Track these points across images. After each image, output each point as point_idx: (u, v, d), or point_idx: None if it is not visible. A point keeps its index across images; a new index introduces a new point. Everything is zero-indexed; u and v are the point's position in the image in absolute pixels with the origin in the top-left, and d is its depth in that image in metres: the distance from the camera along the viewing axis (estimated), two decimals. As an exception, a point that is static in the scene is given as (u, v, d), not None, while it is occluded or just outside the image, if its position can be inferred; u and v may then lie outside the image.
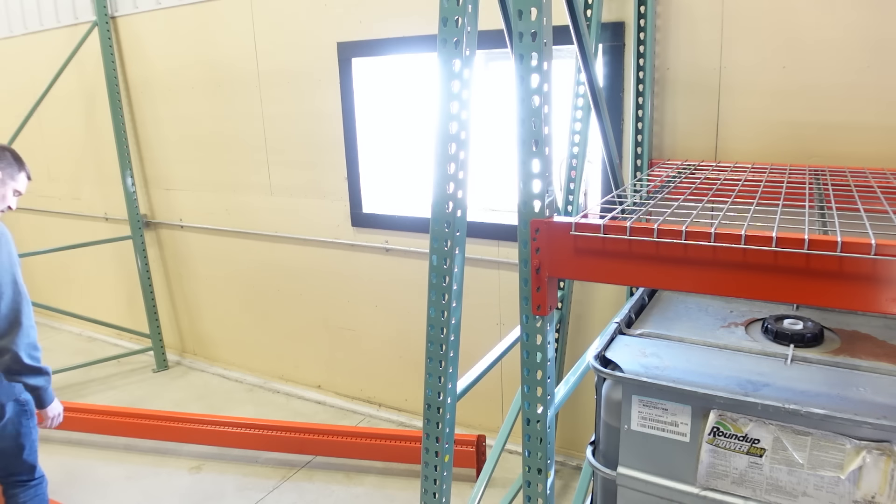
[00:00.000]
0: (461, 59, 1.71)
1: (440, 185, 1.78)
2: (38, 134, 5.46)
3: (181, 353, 5.30)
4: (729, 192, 2.01)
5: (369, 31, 3.66)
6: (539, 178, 1.61)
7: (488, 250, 3.55)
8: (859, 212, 1.67)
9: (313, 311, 4.40)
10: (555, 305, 1.89)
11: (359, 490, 3.45)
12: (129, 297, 5.40)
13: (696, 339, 1.99)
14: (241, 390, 4.69)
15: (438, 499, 1.98)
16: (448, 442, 1.95)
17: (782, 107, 2.71)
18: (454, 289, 1.82)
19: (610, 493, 1.87)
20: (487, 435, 3.60)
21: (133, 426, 3.90)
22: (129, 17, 4.62)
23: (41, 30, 5.15)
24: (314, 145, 4.06)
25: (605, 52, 3.04)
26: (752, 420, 1.60)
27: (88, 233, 5.27)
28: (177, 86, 4.55)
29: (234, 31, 4.15)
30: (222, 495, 3.44)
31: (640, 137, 2.94)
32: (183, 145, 4.66)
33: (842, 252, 1.29)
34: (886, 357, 1.83)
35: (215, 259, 4.78)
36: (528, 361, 1.73)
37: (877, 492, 1.50)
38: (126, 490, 3.52)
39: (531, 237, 1.62)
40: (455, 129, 1.75)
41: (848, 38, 2.54)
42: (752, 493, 1.64)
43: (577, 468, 3.51)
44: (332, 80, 3.85)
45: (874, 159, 2.55)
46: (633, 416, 1.75)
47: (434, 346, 1.87)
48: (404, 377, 4.11)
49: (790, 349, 1.87)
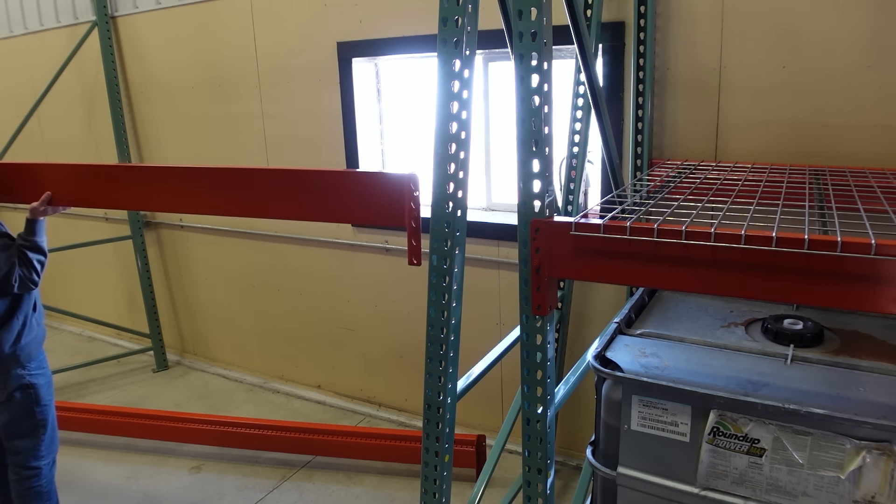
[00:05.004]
0: (461, 59, 1.71)
1: (440, 185, 1.78)
2: (38, 134, 5.47)
3: (181, 353, 5.30)
4: (729, 192, 2.01)
5: (369, 31, 3.66)
6: (539, 178, 1.61)
7: (488, 250, 3.55)
8: (859, 212, 1.66)
9: (313, 311, 4.40)
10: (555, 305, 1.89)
11: (359, 490, 3.45)
12: (129, 297, 5.40)
13: (696, 338, 1.99)
14: (241, 390, 4.69)
15: (438, 499, 1.98)
16: (448, 442, 1.95)
17: (782, 107, 2.71)
18: (454, 289, 1.82)
19: (610, 493, 1.87)
20: (487, 435, 3.60)
21: (133, 426, 3.90)
22: (129, 17, 4.62)
23: (41, 30, 5.15)
24: (314, 145, 4.06)
25: (605, 52, 3.04)
26: (752, 420, 1.60)
27: (88, 233, 5.26)
28: (177, 86, 4.55)
29: (234, 31, 4.15)
30: (222, 495, 3.44)
31: (640, 137, 2.94)
32: (183, 145, 4.66)
33: (842, 252, 1.29)
34: (886, 357, 1.83)
35: (215, 259, 4.78)
36: (528, 361, 1.73)
37: (877, 492, 1.50)
38: (126, 490, 3.52)
39: (531, 237, 1.62)
40: (455, 128, 1.75)
41: (848, 38, 2.54)
42: (752, 493, 1.64)
43: (577, 468, 3.50)
44: (332, 80, 3.85)
45: (874, 159, 2.55)
46: (633, 416, 1.75)
47: (434, 346, 1.87)
48: (404, 377, 4.10)
49: (790, 349, 1.87)
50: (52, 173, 2.53)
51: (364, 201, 1.98)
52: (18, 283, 2.52)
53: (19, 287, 2.53)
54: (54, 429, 2.80)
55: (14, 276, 2.50)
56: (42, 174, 2.54)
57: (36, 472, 2.74)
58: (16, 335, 2.60)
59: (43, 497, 2.77)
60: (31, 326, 2.66)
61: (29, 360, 2.65)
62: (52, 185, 2.51)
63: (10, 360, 2.59)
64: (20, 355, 2.61)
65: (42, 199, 2.49)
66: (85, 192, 2.51)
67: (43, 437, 2.73)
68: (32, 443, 2.71)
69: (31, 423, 2.69)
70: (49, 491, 2.80)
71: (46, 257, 2.62)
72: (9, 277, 2.50)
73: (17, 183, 2.61)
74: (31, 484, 2.73)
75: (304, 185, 2.06)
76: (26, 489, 2.73)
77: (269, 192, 2.10)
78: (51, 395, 2.76)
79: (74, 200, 2.57)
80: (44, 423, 2.72)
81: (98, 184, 2.46)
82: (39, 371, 2.70)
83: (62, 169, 2.53)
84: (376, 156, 4.06)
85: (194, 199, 2.26)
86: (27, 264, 2.53)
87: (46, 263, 2.61)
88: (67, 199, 2.54)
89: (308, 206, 2.07)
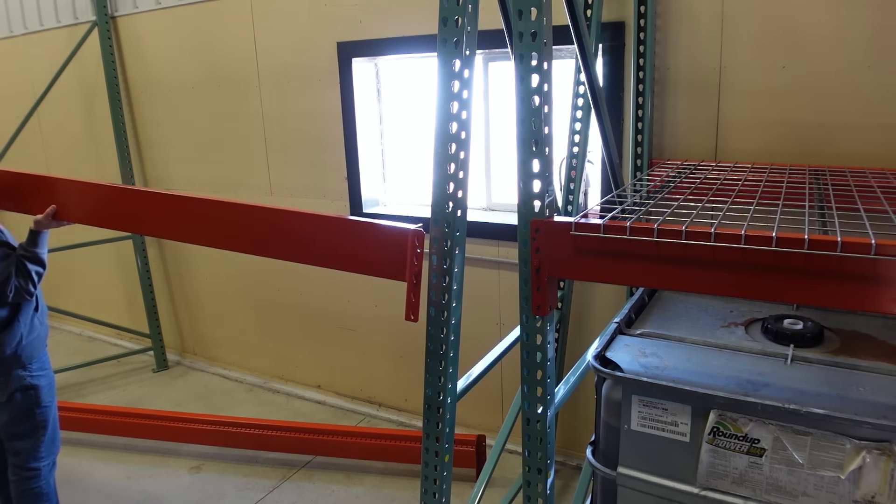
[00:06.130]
0: (461, 59, 1.71)
1: (440, 185, 1.78)
2: (38, 134, 5.46)
3: (181, 353, 5.30)
4: (729, 191, 2.01)
5: (369, 31, 3.66)
6: (539, 178, 1.61)
7: (488, 250, 3.55)
8: (859, 212, 1.66)
9: (313, 312, 4.40)
10: (555, 305, 1.89)
11: (359, 490, 3.45)
12: (129, 297, 5.40)
13: (696, 339, 1.99)
14: (241, 390, 4.69)
15: (438, 499, 1.98)
16: (448, 442, 1.95)
17: (782, 107, 2.71)
18: (454, 289, 1.82)
19: (610, 493, 1.87)
20: (487, 435, 3.60)
21: (133, 426, 3.90)
22: (129, 17, 4.62)
23: (41, 30, 5.15)
24: (314, 145, 4.06)
25: (605, 52, 3.04)
26: (752, 420, 1.60)
27: (88, 233, 5.24)
28: (177, 86, 4.55)
29: (234, 31, 4.15)
30: (222, 495, 3.44)
31: (640, 137, 2.94)
32: (183, 145, 4.66)
33: (842, 252, 1.29)
34: (886, 357, 1.83)
35: (215, 259, 4.78)
36: (528, 361, 1.73)
37: (877, 492, 1.50)
38: (126, 490, 3.52)
39: (531, 237, 1.62)
40: (455, 128, 1.75)
41: (848, 38, 2.54)
42: (752, 493, 1.64)
43: (577, 468, 3.50)
44: (332, 80, 3.85)
45: (874, 159, 2.55)
46: (633, 416, 1.75)
47: (434, 346, 1.87)
48: (404, 377, 4.10)
49: (790, 349, 1.86)
50: (62, 188, 2.54)
51: (366, 251, 1.95)
52: (14, 293, 2.52)
53: (14, 297, 2.53)
54: (55, 430, 2.79)
55: (10, 286, 2.50)
56: (52, 187, 2.55)
57: (35, 474, 2.74)
58: (18, 338, 2.60)
59: (42, 498, 2.77)
60: (33, 326, 2.66)
61: (31, 360, 2.65)
62: (59, 199, 2.52)
63: (11, 360, 2.59)
64: (22, 355, 2.61)
65: (47, 213, 2.52)
66: (92, 210, 2.53)
67: (43, 439, 2.73)
68: (32, 444, 2.71)
69: (30, 424, 2.69)
70: (49, 492, 2.80)
71: (45, 269, 2.62)
72: (4, 287, 2.50)
73: (25, 193, 2.62)
74: (30, 485, 2.73)
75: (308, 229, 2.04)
76: (26, 490, 2.73)
77: (274, 233, 2.09)
78: (52, 396, 2.76)
79: (80, 218, 2.57)
80: (44, 425, 2.72)
81: (108, 206, 2.48)
82: (41, 372, 2.70)
83: (72, 185, 2.53)
84: (376, 156, 4.06)
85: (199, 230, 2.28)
86: (25, 275, 2.54)
87: (44, 275, 2.62)
88: (74, 215, 2.55)
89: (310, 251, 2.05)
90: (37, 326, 2.68)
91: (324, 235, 2.01)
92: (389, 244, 1.87)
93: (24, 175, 2.65)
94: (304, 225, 2.04)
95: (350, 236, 1.97)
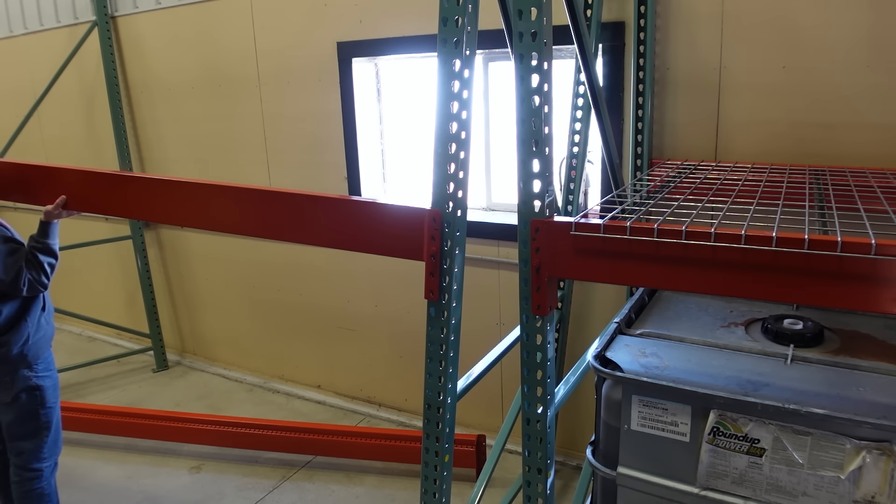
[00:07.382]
0: (461, 59, 1.71)
1: (440, 185, 1.78)
2: (38, 134, 5.46)
3: (181, 353, 5.30)
4: (729, 192, 2.01)
5: (369, 31, 3.66)
6: (539, 177, 1.61)
7: (488, 250, 3.55)
8: (859, 212, 1.66)
9: (313, 311, 4.40)
10: (555, 305, 1.89)
11: (359, 490, 3.45)
12: (129, 297, 5.40)
13: (696, 338, 1.99)
14: (241, 390, 4.69)
15: (438, 499, 1.98)
16: (448, 442, 1.95)
17: (782, 107, 2.71)
18: (454, 289, 1.82)
19: (610, 493, 1.87)
20: (487, 435, 3.60)
21: (133, 426, 3.90)
22: (129, 17, 4.61)
23: (41, 30, 5.15)
24: (314, 145, 4.06)
25: (605, 52, 3.04)
26: (752, 420, 1.60)
27: (88, 232, 5.26)
28: (176, 86, 4.54)
29: (234, 32, 4.15)
30: (222, 495, 3.44)
31: (640, 137, 2.94)
32: (183, 145, 4.66)
33: (842, 252, 1.29)
34: (886, 357, 1.83)
35: (215, 259, 4.78)
36: (528, 361, 1.73)
37: (877, 492, 1.50)
38: (126, 490, 3.52)
39: (531, 237, 1.62)
40: (455, 128, 1.75)
41: (848, 38, 2.54)
42: (752, 493, 1.64)
43: (577, 468, 3.50)
44: (332, 80, 3.85)
45: (874, 159, 2.55)
46: (633, 416, 1.75)
47: (434, 346, 1.87)
48: (404, 377, 4.10)
49: (790, 349, 1.87)
50: (71, 178, 2.52)
51: (383, 232, 1.95)
52: (27, 287, 2.52)
53: (28, 290, 2.53)
54: (58, 431, 2.79)
55: (22, 279, 2.50)
56: (61, 178, 2.54)
57: (38, 474, 2.74)
58: (25, 337, 2.60)
59: (44, 499, 2.77)
60: (40, 325, 2.66)
61: (36, 360, 2.64)
62: (68, 190, 2.50)
63: (17, 360, 2.59)
64: (28, 355, 2.61)
65: (57, 203, 2.50)
66: (102, 199, 2.50)
67: (46, 440, 2.73)
68: (35, 445, 2.71)
69: (35, 424, 2.69)
70: (50, 493, 2.80)
71: (57, 259, 2.62)
72: (17, 281, 2.50)
73: (34, 184, 2.61)
74: (32, 486, 2.73)
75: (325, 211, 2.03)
76: (27, 491, 2.73)
77: (290, 216, 2.08)
78: (56, 397, 2.76)
79: (90, 207, 2.55)
80: (48, 426, 2.72)
81: (116, 193, 2.45)
82: (46, 373, 2.70)
83: (81, 175, 2.52)
84: (376, 156, 4.06)
85: (212, 215, 2.25)
86: (37, 266, 2.53)
87: (57, 266, 2.61)
88: (83, 204, 2.53)
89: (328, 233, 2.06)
90: (43, 326, 2.68)
91: (341, 218, 2.02)
92: (407, 225, 1.88)
93: (31, 166, 2.64)
94: (321, 208, 2.04)
95: (367, 218, 1.98)
